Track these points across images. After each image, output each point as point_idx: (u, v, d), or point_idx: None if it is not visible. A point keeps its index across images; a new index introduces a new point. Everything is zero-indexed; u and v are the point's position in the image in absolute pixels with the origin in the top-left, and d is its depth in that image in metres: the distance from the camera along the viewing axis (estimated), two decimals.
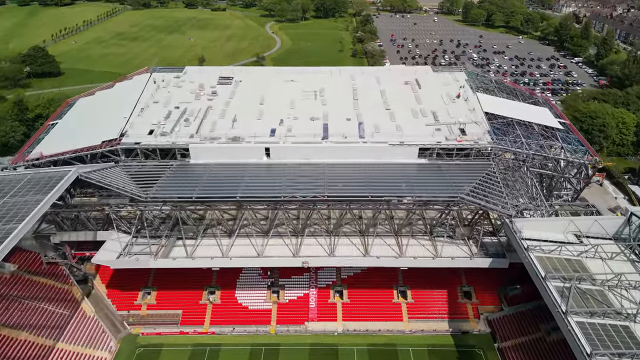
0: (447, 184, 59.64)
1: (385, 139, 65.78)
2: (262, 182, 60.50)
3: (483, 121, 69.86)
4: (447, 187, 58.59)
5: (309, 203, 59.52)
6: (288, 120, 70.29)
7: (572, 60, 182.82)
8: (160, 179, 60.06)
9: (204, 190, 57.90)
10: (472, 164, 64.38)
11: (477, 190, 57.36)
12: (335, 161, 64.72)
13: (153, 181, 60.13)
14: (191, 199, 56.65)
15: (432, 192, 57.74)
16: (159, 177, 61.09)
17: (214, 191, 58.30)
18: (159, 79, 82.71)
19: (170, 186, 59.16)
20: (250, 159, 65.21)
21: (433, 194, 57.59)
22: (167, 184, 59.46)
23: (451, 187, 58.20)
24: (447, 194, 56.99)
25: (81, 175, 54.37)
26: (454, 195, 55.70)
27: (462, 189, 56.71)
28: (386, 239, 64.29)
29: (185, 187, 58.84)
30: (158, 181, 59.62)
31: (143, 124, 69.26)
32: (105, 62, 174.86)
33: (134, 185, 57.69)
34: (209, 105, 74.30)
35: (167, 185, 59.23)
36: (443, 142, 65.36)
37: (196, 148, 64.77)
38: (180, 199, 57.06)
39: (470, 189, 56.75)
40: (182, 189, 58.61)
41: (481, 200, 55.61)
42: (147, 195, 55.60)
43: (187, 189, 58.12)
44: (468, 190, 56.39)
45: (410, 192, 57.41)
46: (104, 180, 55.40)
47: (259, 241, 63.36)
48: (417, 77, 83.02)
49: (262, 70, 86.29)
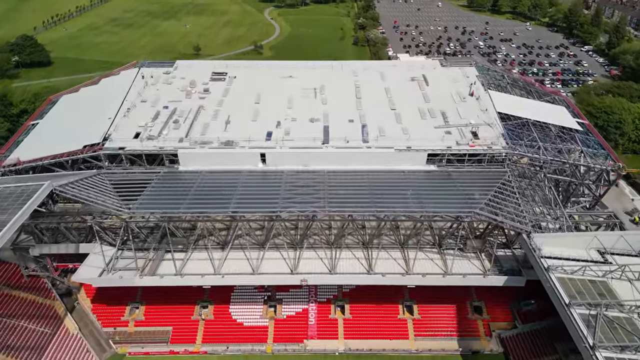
0: (459, 195, 54.68)
1: (391, 144, 60.60)
2: (256, 193, 55.59)
3: (496, 123, 64.56)
4: (459, 200, 53.63)
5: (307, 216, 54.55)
6: (286, 122, 65.00)
7: (582, 49, 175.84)
8: (146, 190, 55.05)
9: (193, 203, 52.97)
10: (485, 172, 59.31)
11: (492, 204, 52.37)
12: (337, 168, 59.69)
13: (138, 191, 55.24)
14: (178, 214, 51.63)
15: (443, 207, 52.75)
16: (145, 187, 56.19)
17: (204, 204, 53.37)
18: (147, 74, 77.14)
19: (155, 198, 54.19)
20: (244, 165, 60.18)
21: (444, 209, 52.57)
22: (152, 195, 54.50)
23: (463, 200, 53.25)
24: (459, 208, 51.97)
25: (56, 189, 49.33)
26: (467, 211, 50.63)
27: (476, 202, 51.75)
28: (391, 252, 59.48)
29: (172, 200, 53.93)
30: (143, 192, 54.63)
31: (129, 126, 64.03)
32: (97, 51, 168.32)
33: (116, 197, 52.76)
34: (200, 105, 68.90)
35: (153, 197, 54.26)
36: (454, 147, 60.18)
37: (186, 154, 59.68)
38: (165, 214, 51.90)
39: (484, 202, 51.69)
40: (169, 201, 53.67)
41: (497, 216, 50.61)
42: (129, 211, 50.58)
43: (175, 202, 53.22)
44: (482, 203, 51.35)
45: (420, 207, 52.29)
46: (81, 194, 50.46)
47: (254, 254, 58.58)
48: (424, 73, 77.40)
49: (259, 64, 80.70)
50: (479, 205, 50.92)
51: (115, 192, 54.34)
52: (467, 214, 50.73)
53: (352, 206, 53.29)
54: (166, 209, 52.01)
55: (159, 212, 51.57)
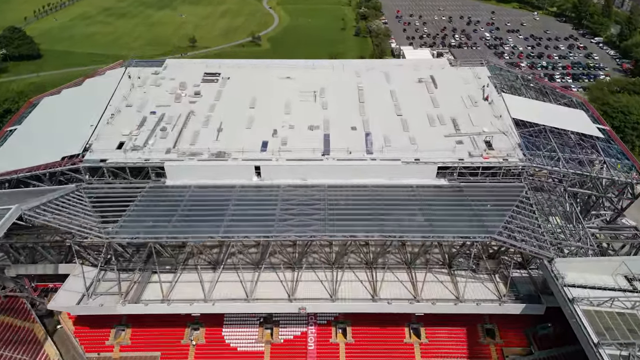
0: (473, 215, 49.70)
1: (398, 155, 55.58)
2: (250, 213, 50.65)
3: (512, 131, 59.41)
4: (473, 221, 48.69)
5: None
6: (283, 130, 59.85)
7: (592, 40, 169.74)
8: (129, 208, 50.17)
9: (180, 224, 48.13)
10: (500, 187, 54.31)
11: (510, 226, 47.48)
12: (338, 182, 54.72)
13: (121, 209, 50.49)
14: (162, 238, 46.78)
15: (456, 229, 47.78)
16: (129, 204, 51.36)
17: (192, 226, 48.45)
18: (134, 74, 71.82)
19: (139, 218, 49.38)
20: (237, 179, 55.21)
21: (457, 232, 47.57)
22: (135, 214, 49.68)
23: (478, 221, 48.32)
24: (474, 231, 47.04)
25: (25, 213, 44.36)
26: (484, 235, 45.75)
27: (492, 224, 46.86)
28: (398, 273, 54.71)
29: (157, 219, 49.13)
30: (126, 210, 49.76)
31: (112, 134, 58.95)
32: (89, 43, 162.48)
33: (95, 218, 47.84)
34: (190, 110, 63.66)
35: (136, 216, 49.46)
36: (466, 159, 55.13)
37: (173, 167, 54.67)
38: (147, 239, 47.06)
39: (502, 225, 46.78)
40: (154, 221, 48.83)
41: (516, 241, 45.74)
42: (108, 236, 45.72)
43: (160, 222, 48.47)
44: (500, 226, 46.43)
45: (429, 229, 47.36)
46: (54, 219, 45.51)
47: (248, 275, 53.82)
48: (432, 74, 71.93)
49: (254, 64, 75.28)
50: (496, 229, 45.99)
51: (95, 211, 49.51)
52: (484, 238, 45.83)
53: (355, 228, 48.28)
54: (149, 232, 47.11)
55: (139, 237, 46.59)
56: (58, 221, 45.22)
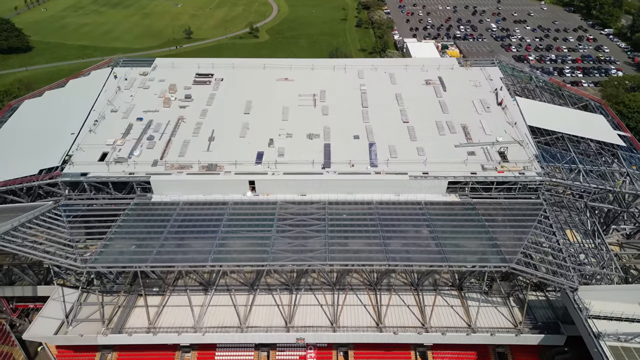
0: (487, 238, 45.30)
1: (405, 168, 51.11)
2: (243, 233, 46.28)
3: (528, 140, 54.85)
4: (488, 245, 44.40)
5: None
6: (280, 139, 55.32)
7: (601, 32, 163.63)
8: (111, 229, 45.85)
9: (165, 249, 43.80)
10: (516, 204, 49.84)
11: (529, 251, 43.19)
12: (340, 198, 50.31)
13: (102, 229, 46.24)
14: (145, 267, 42.47)
15: (470, 256, 43.43)
16: (112, 223, 47.06)
17: (179, 250, 44.19)
18: (121, 75, 67.11)
19: (121, 241, 45.12)
20: (230, 194, 50.79)
21: (471, 261, 43.23)
22: (117, 237, 45.38)
23: (493, 246, 43.99)
24: (490, 259, 42.74)
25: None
26: (502, 265, 41.44)
27: (510, 250, 42.55)
28: (404, 296, 50.51)
29: (141, 242, 44.83)
30: (108, 232, 45.44)
31: (94, 144, 54.50)
32: (80, 34, 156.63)
33: (72, 242, 43.47)
34: (180, 116, 59.06)
35: (118, 239, 45.18)
36: (479, 173, 50.66)
37: (160, 182, 50.19)
38: (128, 267, 42.79)
39: (520, 251, 42.45)
40: (137, 246, 44.48)
41: (537, 270, 41.43)
42: (85, 265, 41.43)
43: (144, 246, 44.18)
44: (518, 252, 42.11)
45: (442, 258, 43.03)
46: (25, 247, 41.15)
47: (241, 299, 49.68)
48: (440, 75, 67.14)
49: (250, 63, 70.22)
50: (514, 256, 41.65)
51: (74, 233, 45.21)
52: (500, 268, 41.54)
53: (359, 255, 44.04)
54: (131, 259, 42.79)
55: (119, 265, 42.33)
56: (30, 251, 40.84)
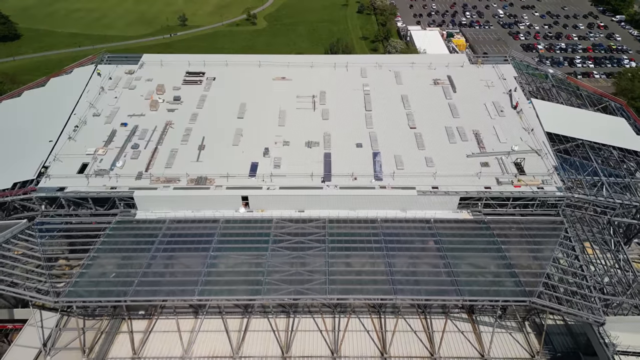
0: (504, 265, 41.09)
1: (412, 182, 46.75)
2: (234, 258, 42.15)
3: (547, 150, 50.33)
4: (504, 274, 40.21)
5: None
6: (276, 148, 50.82)
7: (613, 18, 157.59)
8: (88, 255, 41.60)
9: (147, 279, 39.63)
10: (535, 224, 45.49)
11: (552, 281, 39.05)
12: (341, 214, 45.96)
13: (80, 252, 42.11)
14: (123, 302, 38.36)
15: (486, 286, 39.30)
16: (90, 246, 42.87)
17: (163, 280, 40.06)
18: (106, 73, 62.26)
19: (99, 269, 40.95)
20: (221, 210, 46.48)
21: (487, 294, 39.08)
22: (96, 264, 41.13)
23: (510, 275, 39.86)
24: (508, 291, 38.72)
25: None
26: (522, 300, 37.34)
27: (529, 281, 38.43)
28: (411, 321, 46.51)
29: (121, 272, 40.61)
30: (85, 258, 41.26)
31: (74, 153, 50.07)
32: (71, 21, 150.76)
33: (43, 270, 39.37)
34: (167, 121, 54.45)
35: (96, 267, 40.96)
36: (494, 188, 46.25)
37: (144, 197, 45.83)
38: (101, 304, 38.73)
39: (542, 281, 38.32)
40: (117, 273, 40.33)
41: (562, 305, 37.32)
42: (58, 299, 37.35)
43: (124, 275, 39.94)
44: (540, 283, 37.98)
45: (455, 290, 39.00)
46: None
47: (234, 323, 45.68)
48: (449, 74, 62.24)
49: (244, 60, 65.15)
50: (536, 289, 37.59)
51: (49, 257, 41.03)
52: (520, 303, 37.44)
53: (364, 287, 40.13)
54: (109, 291, 38.77)
55: (94, 300, 38.24)
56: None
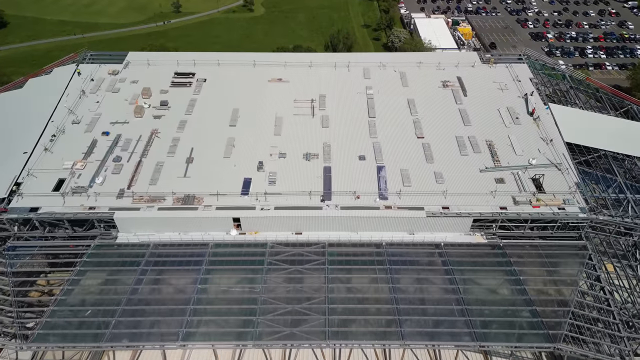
0: (524, 302, 37.04)
1: (420, 201, 42.49)
2: (224, 293, 38.20)
3: (568, 163, 45.93)
4: (523, 312, 36.28)
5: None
6: (271, 161, 46.45)
7: (624, 5, 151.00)
8: (62, 289, 37.64)
9: (124, 320, 35.73)
10: (555, 250, 41.36)
11: (577, 321, 35.10)
12: (342, 237, 41.86)
13: (54, 283, 38.12)
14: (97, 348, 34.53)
15: (504, 327, 35.36)
16: (69, 268, 38.97)
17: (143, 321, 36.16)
18: (88, 73, 57.52)
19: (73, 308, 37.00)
20: (211, 232, 42.39)
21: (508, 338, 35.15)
22: (69, 301, 37.17)
23: (530, 313, 35.92)
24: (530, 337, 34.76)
25: None
26: (546, 346, 33.45)
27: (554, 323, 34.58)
28: (418, 351, 42.73)
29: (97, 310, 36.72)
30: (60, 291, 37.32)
31: (50, 166, 45.67)
32: (60, 8, 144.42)
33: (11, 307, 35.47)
34: (153, 130, 49.97)
35: (69, 304, 37.01)
36: (510, 209, 42.00)
37: (126, 220, 41.64)
38: (78, 348, 34.87)
39: (567, 320, 34.39)
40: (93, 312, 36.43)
41: (589, 350, 33.45)
42: (25, 344, 33.47)
43: (99, 317, 36.15)
44: (565, 325, 34.06)
45: (469, 333, 35.16)
46: None
47: (226, 354, 41.94)
48: (459, 75, 57.50)
49: (237, 59, 60.05)
50: (560, 332, 33.70)
51: (18, 291, 37.09)
52: (545, 349, 33.58)
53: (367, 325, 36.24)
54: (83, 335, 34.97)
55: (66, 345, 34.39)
56: None
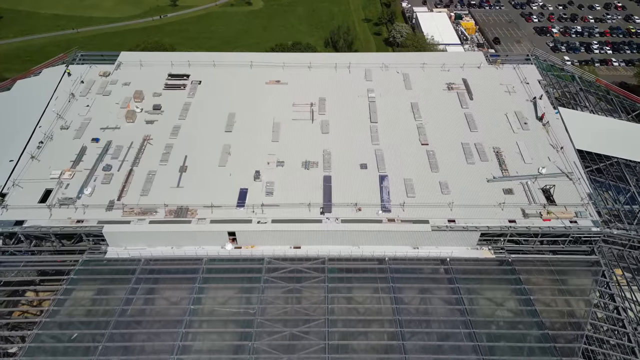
0: (535, 325, 35.06)
1: (425, 214, 40.41)
2: (217, 314, 36.28)
3: (580, 173, 43.80)
4: (539, 337, 34.32)
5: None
6: (268, 170, 44.32)
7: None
8: (47, 309, 35.66)
9: (111, 346, 33.77)
10: (567, 266, 39.32)
11: (591, 346, 33.22)
12: (343, 252, 39.79)
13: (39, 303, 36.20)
14: None
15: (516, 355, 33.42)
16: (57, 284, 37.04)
17: (130, 347, 34.19)
18: (77, 75, 55.20)
19: (58, 332, 35.01)
20: (205, 246, 40.36)
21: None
22: (53, 323, 35.14)
23: (545, 338, 33.97)
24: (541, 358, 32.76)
25: None
26: None
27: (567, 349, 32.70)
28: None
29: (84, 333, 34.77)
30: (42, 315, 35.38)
31: (37, 176, 43.56)
32: (54, 2, 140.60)
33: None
34: (146, 136, 47.79)
35: (55, 327, 35.04)
36: (519, 222, 39.93)
37: (115, 234, 39.63)
38: None
39: (582, 346, 32.51)
40: (79, 335, 34.48)
41: None
42: None
43: (84, 342, 34.20)
44: (579, 352, 32.20)
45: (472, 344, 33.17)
46: None
47: None
48: (465, 77, 55.17)
49: (233, 60, 57.62)
50: (572, 358, 31.74)
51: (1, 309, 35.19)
52: None
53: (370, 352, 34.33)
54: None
55: None
56: None
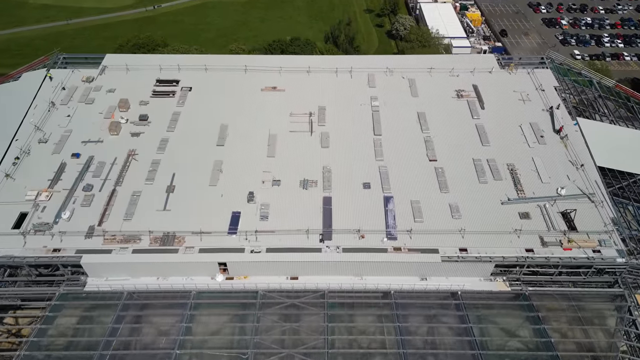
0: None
1: (434, 242, 36.98)
2: (208, 350, 33.00)
3: (602, 194, 40.21)
4: None
5: None
6: (263, 190, 40.74)
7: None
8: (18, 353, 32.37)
9: None
10: (589, 301, 36.01)
11: None
12: (344, 283, 36.46)
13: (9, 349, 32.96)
14: None
15: None
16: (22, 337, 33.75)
17: None
18: (59, 79, 51.29)
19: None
20: (193, 276, 37.00)
21: None
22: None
23: None
24: None
25: None
26: None
27: None
28: None
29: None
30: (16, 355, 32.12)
31: (11, 197, 40.09)
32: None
33: None
34: (130, 150, 44.11)
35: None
36: (537, 251, 36.48)
37: (95, 265, 36.21)
38: None
39: None
40: None
41: None
42: None
43: None
44: None
45: None
46: None
47: None
48: (475, 83, 51.23)
49: (227, 63, 53.62)
50: None
51: None
52: None
53: None
54: None
55: None
56: None
